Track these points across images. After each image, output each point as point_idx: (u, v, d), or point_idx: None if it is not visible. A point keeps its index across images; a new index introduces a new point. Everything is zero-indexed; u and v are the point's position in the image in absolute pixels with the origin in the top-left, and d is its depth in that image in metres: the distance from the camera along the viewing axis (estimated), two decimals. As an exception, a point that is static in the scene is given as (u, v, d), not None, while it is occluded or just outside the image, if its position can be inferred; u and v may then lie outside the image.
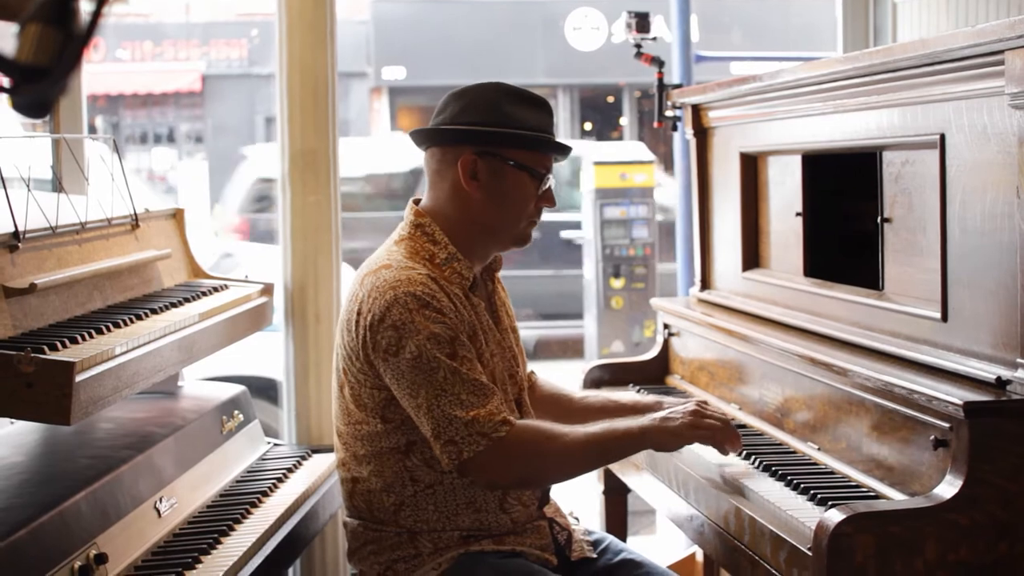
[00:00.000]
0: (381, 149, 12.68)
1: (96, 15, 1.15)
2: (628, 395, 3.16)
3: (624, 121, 20.14)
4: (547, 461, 2.52)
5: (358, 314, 2.53)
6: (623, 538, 3.45)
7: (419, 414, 2.46)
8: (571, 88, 19.86)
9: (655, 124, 4.14)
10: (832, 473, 2.62)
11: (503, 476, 2.50)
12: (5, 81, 1.13)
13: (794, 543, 2.27)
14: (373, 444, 2.58)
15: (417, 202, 2.70)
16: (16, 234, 2.43)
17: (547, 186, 2.67)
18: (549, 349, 10.82)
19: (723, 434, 2.59)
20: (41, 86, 1.13)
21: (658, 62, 4.17)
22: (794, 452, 2.80)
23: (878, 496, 2.43)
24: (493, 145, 2.62)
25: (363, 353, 2.52)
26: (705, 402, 2.66)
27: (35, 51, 1.13)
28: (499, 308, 2.78)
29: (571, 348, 10.31)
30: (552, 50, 19.01)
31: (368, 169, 11.49)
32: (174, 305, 2.86)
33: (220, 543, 2.63)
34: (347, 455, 2.64)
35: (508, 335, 2.76)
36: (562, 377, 3.16)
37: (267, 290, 3.36)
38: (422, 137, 2.69)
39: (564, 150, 2.69)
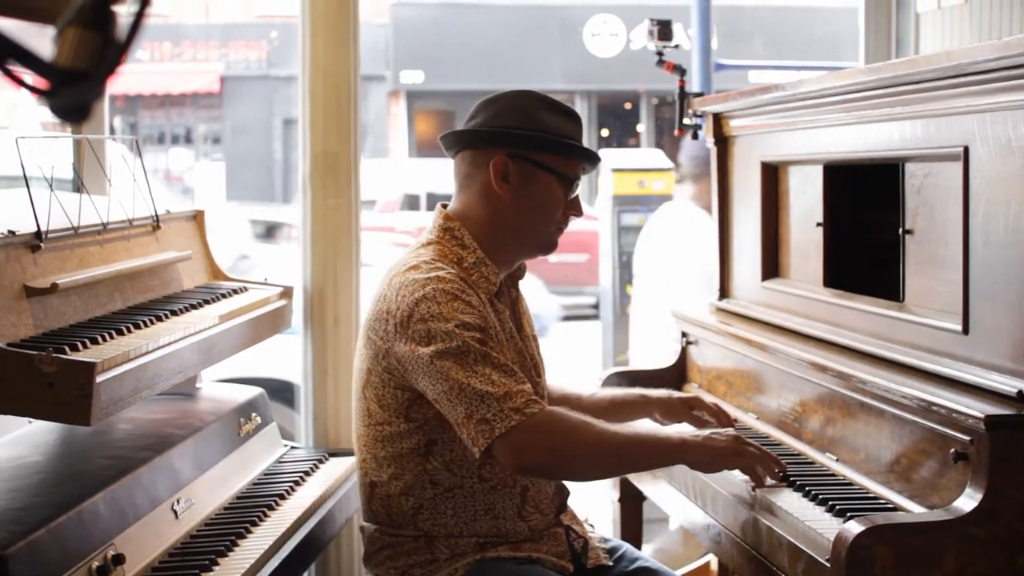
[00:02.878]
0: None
1: (138, 19, 1.15)
2: (636, 389, 3.09)
3: (641, 128, 20.15)
4: (579, 448, 2.44)
5: (387, 313, 2.51)
6: (638, 546, 3.44)
7: (451, 398, 2.40)
8: (589, 94, 19.88)
9: (675, 132, 4.14)
10: (850, 484, 2.61)
11: (533, 457, 2.41)
12: (43, 84, 1.13)
13: (812, 554, 2.26)
14: (394, 445, 2.57)
15: (445, 206, 2.71)
16: (39, 234, 2.44)
17: (575, 194, 2.67)
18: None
19: (765, 465, 2.55)
20: (79, 90, 1.14)
21: (680, 70, 4.18)
22: (812, 463, 2.79)
23: (896, 508, 2.42)
24: (525, 148, 2.62)
25: (392, 351, 2.51)
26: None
27: (73, 55, 1.14)
28: (521, 316, 2.77)
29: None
30: (570, 56, 19.02)
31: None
32: (194, 307, 2.87)
33: (237, 545, 2.64)
34: (367, 457, 2.63)
35: (530, 343, 2.76)
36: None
37: (286, 293, 3.36)
38: (453, 140, 2.69)
39: (594, 158, 2.70)
